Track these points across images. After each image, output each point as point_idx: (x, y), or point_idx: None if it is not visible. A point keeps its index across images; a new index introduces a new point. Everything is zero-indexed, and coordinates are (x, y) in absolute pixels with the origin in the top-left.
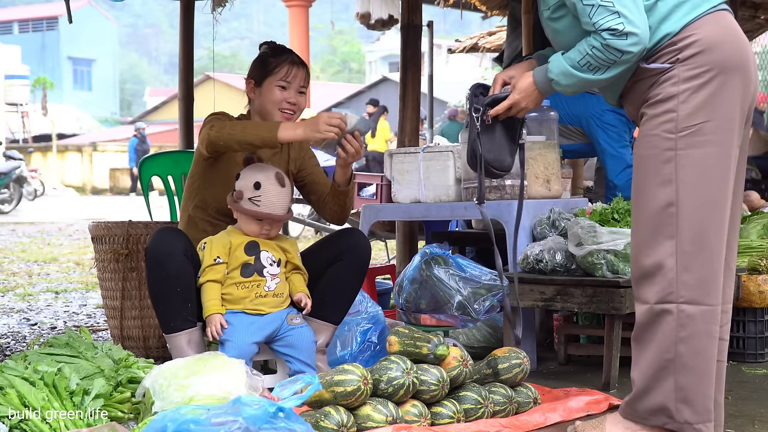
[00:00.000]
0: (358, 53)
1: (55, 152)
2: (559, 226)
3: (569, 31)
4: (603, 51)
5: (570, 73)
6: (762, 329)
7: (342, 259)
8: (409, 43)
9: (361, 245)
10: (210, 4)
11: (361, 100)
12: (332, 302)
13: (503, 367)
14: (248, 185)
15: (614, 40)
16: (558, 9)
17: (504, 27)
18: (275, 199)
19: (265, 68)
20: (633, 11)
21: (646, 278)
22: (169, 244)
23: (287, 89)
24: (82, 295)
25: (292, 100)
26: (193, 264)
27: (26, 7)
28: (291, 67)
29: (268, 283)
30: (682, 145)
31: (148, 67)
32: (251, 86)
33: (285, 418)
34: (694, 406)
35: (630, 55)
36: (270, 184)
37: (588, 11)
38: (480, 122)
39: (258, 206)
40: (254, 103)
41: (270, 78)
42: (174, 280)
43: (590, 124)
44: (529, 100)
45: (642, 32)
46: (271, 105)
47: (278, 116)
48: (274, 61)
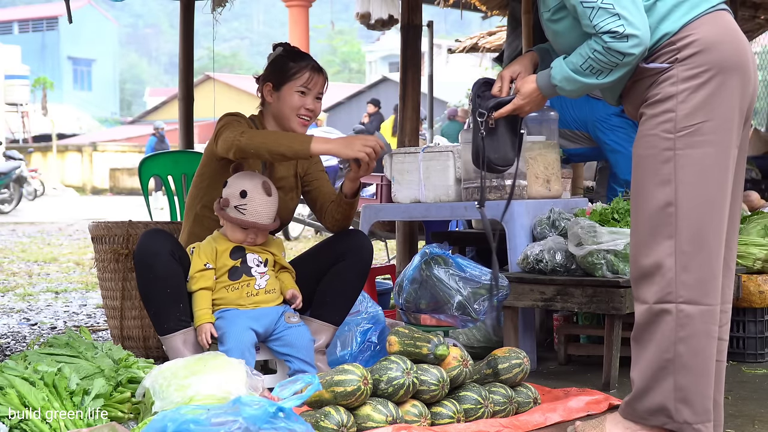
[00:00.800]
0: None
1: (55, 152)
2: (559, 226)
3: (570, 33)
4: (605, 54)
5: (573, 79)
6: (762, 329)
7: (344, 259)
8: (409, 43)
9: (364, 246)
10: (210, 4)
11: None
12: (333, 303)
13: (503, 367)
14: (234, 193)
15: (615, 42)
16: (558, 11)
17: (504, 27)
18: (261, 208)
19: (285, 73)
20: (633, 13)
21: (645, 278)
22: (155, 246)
23: (306, 95)
24: (82, 295)
25: (310, 107)
26: (182, 264)
27: (26, 7)
28: (312, 74)
29: (258, 281)
30: (681, 145)
31: (148, 67)
32: (269, 89)
33: (285, 418)
34: (694, 406)
35: (632, 57)
36: (256, 193)
37: (588, 13)
38: (484, 125)
39: (243, 215)
40: (270, 106)
41: (290, 83)
42: (162, 282)
43: (596, 128)
44: (533, 104)
45: (643, 34)
46: (290, 110)
47: (296, 122)
48: (295, 67)
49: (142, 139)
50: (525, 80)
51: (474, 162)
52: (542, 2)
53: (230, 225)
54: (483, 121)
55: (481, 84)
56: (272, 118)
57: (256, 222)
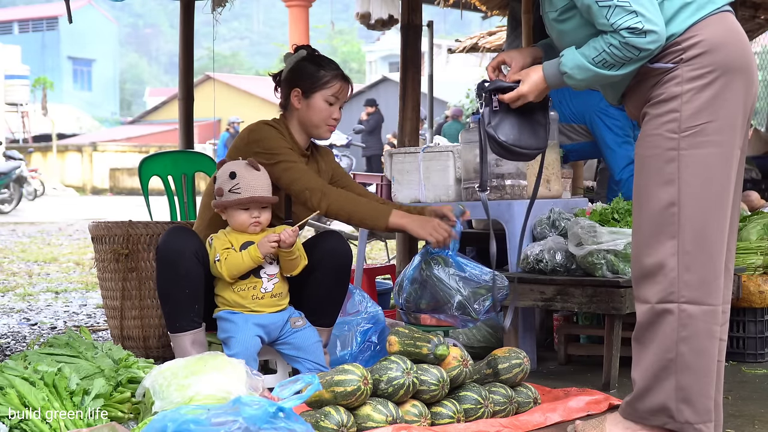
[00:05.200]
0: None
1: (55, 152)
2: (559, 226)
3: (576, 32)
4: (621, 49)
5: (585, 68)
6: (762, 329)
7: (323, 265)
8: (409, 43)
9: (339, 249)
10: (210, 4)
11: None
12: (322, 310)
13: (503, 367)
14: (224, 178)
15: (634, 38)
16: (566, 11)
17: (504, 27)
18: (254, 183)
19: (316, 80)
20: (650, 9)
21: (648, 278)
22: (180, 244)
23: (334, 105)
24: (82, 295)
25: (336, 116)
26: (204, 265)
27: (26, 7)
28: (343, 84)
29: (264, 284)
30: (685, 145)
31: (148, 67)
32: (297, 95)
33: (285, 418)
34: (695, 406)
35: (647, 52)
36: (245, 170)
37: (605, 12)
38: (488, 108)
39: (239, 193)
40: (297, 112)
41: (321, 92)
42: (183, 281)
43: (594, 118)
44: (537, 93)
45: (660, 30)
46: (319, 119)
47: (325, 129)
48: (327, 75)
49: (142, 139)
50: (531, 69)
51: (493, 150)
52: (548, 2)
53: (232, 212)
54: (482, 102)
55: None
56: (297, 123)
57: (253, 196)
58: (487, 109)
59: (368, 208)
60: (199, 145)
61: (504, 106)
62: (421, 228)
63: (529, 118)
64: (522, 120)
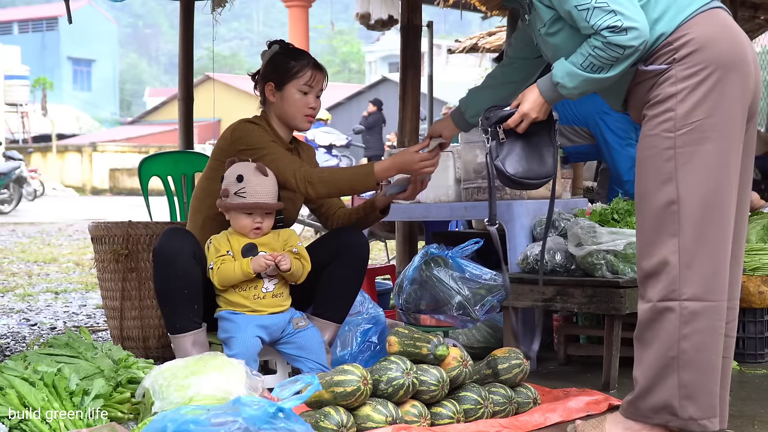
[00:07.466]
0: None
1: (54, 152)
2: (559, 226)
3: (568, 44)
4: (605, 49)
5: (575, 74)
6: (762, 329)
7: (341, 257)
8: (409, 43)
9: (360, 243)
10: (210, 5)
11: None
12: (334, 301)
13: (503, 367)
14: (231, 180)
15: (615, 36)
16: (554, 23)
17: (504, 27)
18: (260, 188)
19: (287, 72)
20: (628, 7)
21: (651, 277)
22: (177, 245)
23: (309, 93)
24: (82, 296)
25: (312, 105)
26: (201, 266)
27: (26, 7)
28: (314, 72)
29: (265, 284)
30: (681, 143)
31: (148, 67)
32: (271, 89)
33: (285, 419)
34: (699, 403)
35: (632, 49)
36: (252, 174)
37: (584, 16)
38: (494, 141)
39: (244, 197)
40: (273, 105)
41: (293, 82)
42: (181, 281)
43: (597, 121)
44: (538, 109)
45: (641, 25)
46: (295, 110)
47: (302, 120)
48: (297, 65)
49: (141, 139)
50: (526, 89)
51: (502, 181)
52: (537, 19)
53: (235, 214)
54: (488, 137)
55: (488, 110)
56: (276, 117)
57: (258, 201)
58: (494, 143)
59: (351, 173)
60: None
61: (511, 135)
62: (407, 165)
63: (537, 144)
64: (529, 148)
